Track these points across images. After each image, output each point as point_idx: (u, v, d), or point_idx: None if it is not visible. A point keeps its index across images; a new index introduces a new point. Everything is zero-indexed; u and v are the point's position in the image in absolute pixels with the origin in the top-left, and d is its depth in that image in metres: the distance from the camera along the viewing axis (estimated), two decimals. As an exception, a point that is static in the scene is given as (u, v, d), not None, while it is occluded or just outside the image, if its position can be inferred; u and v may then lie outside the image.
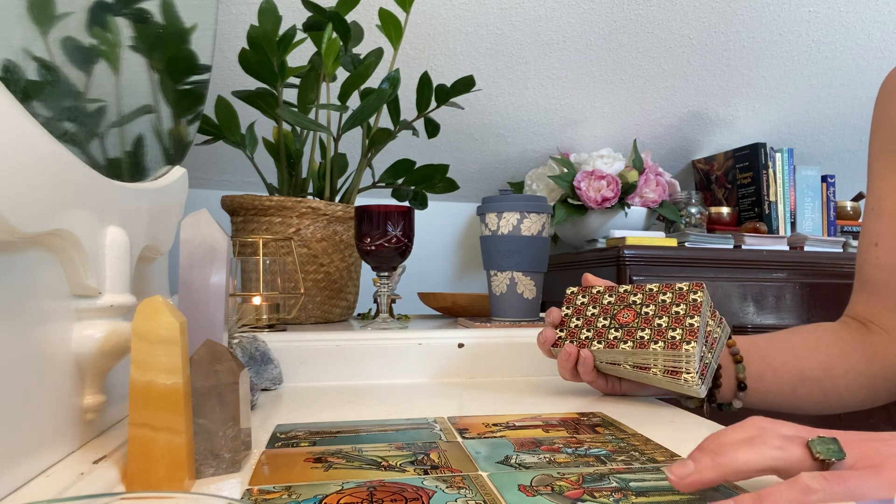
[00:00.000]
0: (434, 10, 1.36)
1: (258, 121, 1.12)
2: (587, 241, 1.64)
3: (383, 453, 0.46)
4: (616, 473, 0.41)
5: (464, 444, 0.49)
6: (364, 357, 0.79)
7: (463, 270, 1.84)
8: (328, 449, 0.47)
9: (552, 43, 1.47)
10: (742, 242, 1.53)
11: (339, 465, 0.43)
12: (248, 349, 0.71)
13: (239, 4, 1.27)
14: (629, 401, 0.66)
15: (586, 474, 0.41)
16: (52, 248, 0.41)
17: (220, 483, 0.40)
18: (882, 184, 0.70)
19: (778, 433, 0.35)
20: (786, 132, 1.84)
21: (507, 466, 0.43)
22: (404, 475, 0.41)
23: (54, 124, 0.43)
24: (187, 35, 0.70)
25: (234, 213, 1.04)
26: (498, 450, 0.47)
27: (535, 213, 0.93)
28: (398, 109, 1.11)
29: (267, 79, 0.99)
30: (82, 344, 0.43)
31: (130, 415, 0.37)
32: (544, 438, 0.50)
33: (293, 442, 0.49)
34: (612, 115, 1.69)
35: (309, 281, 1.01)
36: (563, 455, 0.45)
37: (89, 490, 0.37)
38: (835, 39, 1.59)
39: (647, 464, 0.43)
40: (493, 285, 0.96)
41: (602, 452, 0.46)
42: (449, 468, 0.42)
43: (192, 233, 0.48)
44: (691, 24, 1.49)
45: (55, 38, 0.43)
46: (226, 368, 0.42)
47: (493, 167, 1.76)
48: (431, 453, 0.46)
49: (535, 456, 0.45)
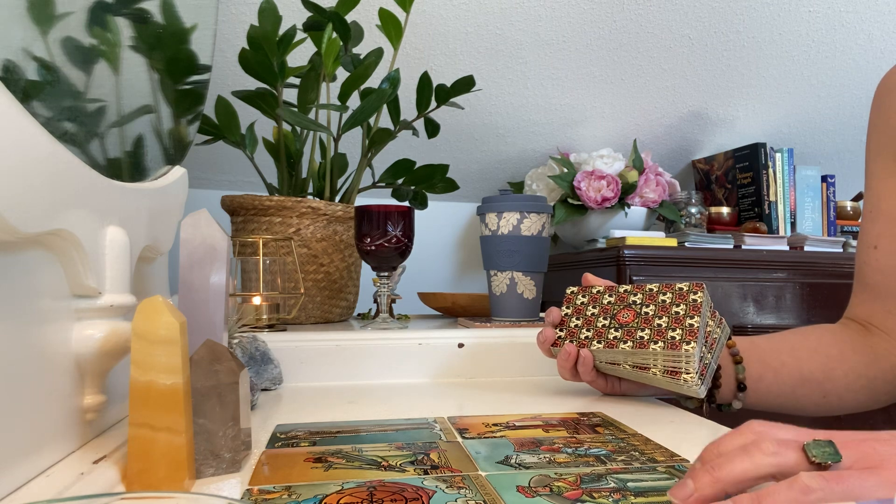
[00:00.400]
0: (434, 10, 1.36)
1: (258, 121, 1.12)
2: (587, 241, 1.64)
3: (383, 453, 0.46)
4: (614, 474, 0.41)
5: (464, 443, 0.48)
6: (364, 357, 0.79)
7: (463, 270, 1.84)
8: (328, 449, 0.47)
9: (552, 43, 1.47)
10: (742, 242, 1.53)
11: (339, 465, 0.43)
12: (248, 349, 0.71)
13: (239, 4, 1.27)
14: (629, 401, 0.67)
15: (584, 474, 0.41)
16: (52, 248, 0.41)
17: (220, 483, 0.40)
18: (880, 185, 0.69)
19: (774, 438, 0.35)
20: (786, 132, 1.84)
21: (507, 466, 0.43)
22: (404, 475, 0.41)
23: (54, 124, 0.43)
24: (187, 35, 0.70)
25: (234, 213, 1.04)
26: (498, 450, 0.47)
27: (535, 213, 0.93)
28: (398, 109, 1.11)
29: (267, 79, 0.99)
30: (82, 344, 0.43)
31: (130, 415, 0.37)
32: (544, 438, 0.50)
33: (293, 442, 0.49)
34: (612, 115, 1.69)
35: (309, 281, 1.01)
36: (562, 455, 0.45)
37: (89, 490, 0.37)
38: (835, 39, 1.59)
39: (647, 464, 0.43)
40: (493, 285, 0.96)
41: (602, 452, 0.46)
42: (449, 468, 0.42)
43: (192, 233, 0.48)
44: (691, 24, 1.49)
45: (55, 38, 0.43)
46: (226, 368, 0.42)
47: (493, 167, 1.76)
48: (431, 453, 0.46)
49: (535, 456, 0.45)
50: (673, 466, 0.42)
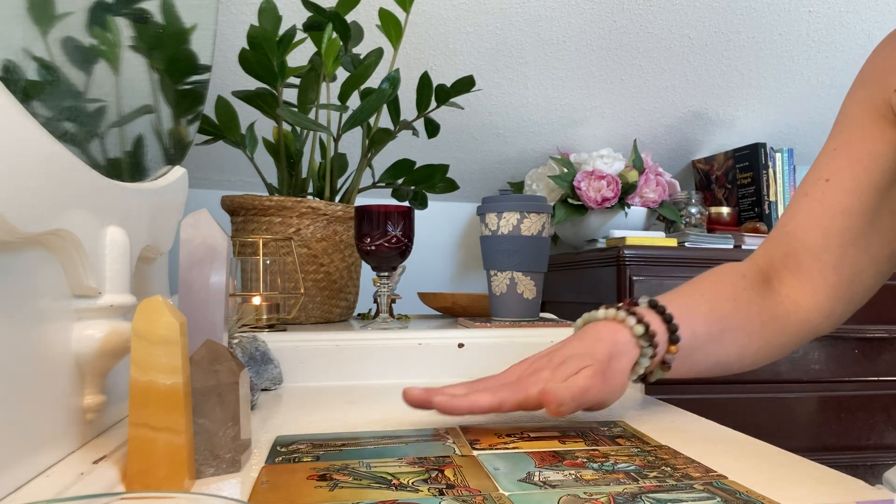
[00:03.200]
0: (434, 10, 1.36)
1: (258, 121, 1.12)
2: (587, 241, 1.64)
3: (393, 469, 0.42)
4: (648, 493, 0.37)
5: (480, 458, 0.45)
6: (364, 357, 0.79)
7: (463, 270, 1.84)
8: (333, 464, 0.43)
9: (552, 43, 1.47)
10: (742, 242, 1.53)
11: (345, 484, 0.39)
12: (248, 349, 0.71)
13: (239, 4, 1.27)
14: (646, 407, 0.65)
15: (616, 494, 0.37)
16: (52, 248, 0.41)
17: (220, 483, 0.40)
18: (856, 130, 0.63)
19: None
20: (786, 132, 1.84)
21: (530, 485, 0.39)
22: (417, 495, 0.37)
23: (54, 124, 0.43)
24: (187, 35, 0.70)
25: (234, 213, 1.04)
26: (518, 465, 0.43)
27: (535, 213, 0.93)
28: (398, 109, 1.11)
29: (267, 79, 0.99)
30: (82, 344, 0.43)
31: (130, 415, 0.37)
32: (565, 451, 0.47)
33: (294, 457, 0.46)
34: (612, 115, 1.69)
35: (309, 281, 1.01)
36: (588, 471, 0.42)
37: (89, 490, 0.37)
38: (835, 39, 1.59)
39: (682, 480, 0.40)
40: (493, 285, 0.96)
41: (631, 468, 0.42)
42: (467, 487, 0.39)
43: (192, 233, 0.48)
44: (691, 23, 1.49)
45: (55, 38, 0.43)
46: (226, 368, 0.42)
47: (493, 167, 1.76)
48: (446, 469, 0.42)
49: (560, 472, 0.41)
50: (710, 483, 0.39)
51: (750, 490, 0.38)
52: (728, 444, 0.51)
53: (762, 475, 0.42)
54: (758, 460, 0.46)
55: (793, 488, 0.39)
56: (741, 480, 0.40)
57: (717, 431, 0.55)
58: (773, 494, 0.38)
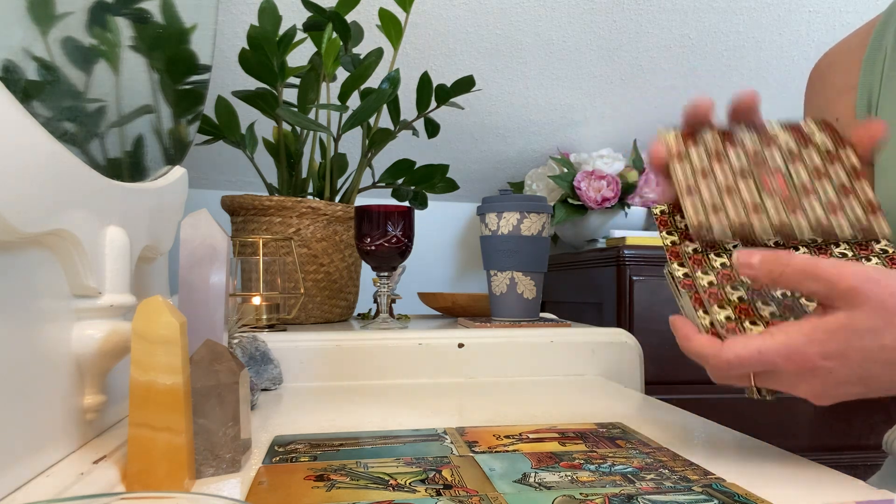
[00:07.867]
0: (434, 10, 1.36)
1: (258, 121, 1.12)
2: (587, 241, 1.64)
3: (391, 470, 0.42)
4: (645, 494, 0.37)
5: (477, 459, 0.45)
6: (364, 357, 0.79)
7: (463, 270, 1.84)
8: (331, 465, 0.44)
9: (552, 43, 1.47)
10: (742, 242, 1.53)
11: (342, 484, 0.39)
12: (248, 349, 0.71)
13: (239, 4, 1.27)
14: (650, 411, 0.65)
15: (612, 495, 0.37)
16: (52, 248, 0.41)
17: (220, 483, 0.40)
18: None
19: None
20: (786, 132, 1.84)
21: (526, 486, 0.39)
22: (414, 496, 0.37)
23: (54, 124, 0.43)
24: (187, 35, 0.70)
25: (234, 213, 1.04)
26: (514, 466, 0.43)
27: (535, 213, 0.93)
28: (398, 109, 1.11)
29: (267, 79, 0.99)
30: (82, 344, 0.43)
31: (130, 415, 0.37)
32: (563, 453, 0.47)
33: (292, 457, 0.46)
34: (612, 115, 1.69)
35: (309, 281, 1.01)
36: (585, 473, 0.42)
37: (89, 490, 0.37)
38: (835, 39, 1.59)
39: (679, 483, 0.39)
40: (493, 285, 0.96)
41: (628, 470, 0.42)
42: (464, 488, 0.39)
43: (192, 233, 0.48)
44: (691, 24, 1.49)
45: (55, 38, 0.43)
46: (226, 368, 0.42)
47: (493, 167, 1.76)
48: (443, 470, 0.42)
49: (556, 474, 0.41)
50: (709, 486, 0.39)
51: (749, 493, 0.38)
52: (728, 445, 0.51)
53: (762, 475, 0.42)
54: (757, 460, 0.46)
55: (793, 488, 0.39)
56: (741, 481, 0.40)
57: (717, 432, 0.55)
58: (773, 495, 0.38)
